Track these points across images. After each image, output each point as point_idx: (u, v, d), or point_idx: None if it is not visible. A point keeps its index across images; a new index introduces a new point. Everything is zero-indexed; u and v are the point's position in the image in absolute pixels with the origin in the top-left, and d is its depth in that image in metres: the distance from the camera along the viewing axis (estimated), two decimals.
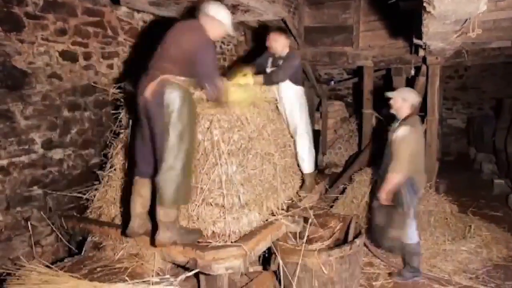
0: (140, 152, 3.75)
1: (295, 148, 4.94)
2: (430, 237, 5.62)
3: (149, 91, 3.47)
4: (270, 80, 4.74)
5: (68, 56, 4.79)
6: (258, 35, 7.25)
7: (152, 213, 3.66)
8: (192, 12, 3.94)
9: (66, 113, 4.82)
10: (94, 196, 4.47)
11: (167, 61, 3.54)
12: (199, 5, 3.79)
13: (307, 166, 5.00)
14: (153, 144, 3.58)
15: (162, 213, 3.47)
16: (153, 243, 3.56)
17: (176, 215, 3.55)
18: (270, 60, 5.04)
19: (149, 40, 4.63)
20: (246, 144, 3.92)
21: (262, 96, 4.62)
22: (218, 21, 3.74)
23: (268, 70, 4.99)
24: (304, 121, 4.93)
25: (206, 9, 3.73)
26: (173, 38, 3.62)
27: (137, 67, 3.96)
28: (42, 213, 4.55)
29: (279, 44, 4.89)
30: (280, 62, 4.85)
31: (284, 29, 5.60)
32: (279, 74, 4.72)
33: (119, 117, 4.50)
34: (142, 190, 3.75)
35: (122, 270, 3.55)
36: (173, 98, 3.43)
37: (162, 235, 3.47)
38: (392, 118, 4.75)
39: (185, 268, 3.73)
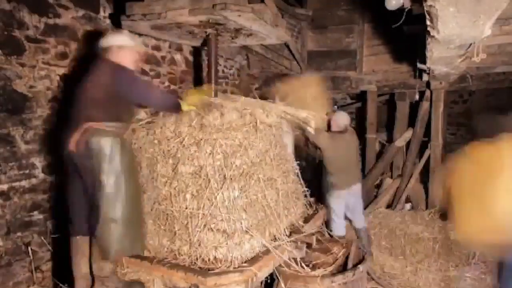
0: (76, 209, 3.65)
1: None
2: (434, 263, 5.58)
3: (72, 142, 3.41)
4: None
5: (69, 80, 4.77)
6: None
7: None
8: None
9: None
10: None
11: (90, 107, 3.45)
12: (97, 47, 3.77)
13: None
14: (87, 198, 3.50)
15: (96, 267, 3.52)
16: None
17: (112, 269, 3.54)
18: None
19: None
20: (248, 169, 3.88)
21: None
22: (121, 47, 3.70)
23: None
24: None
25: (102, 44, 3.71)
26: (90, 83, 3.53)
27: None
28: (42, 238, 4.50)
29: None
30: None
31: None
32: None
33: None
34: (86, 249, 3.67)
35: None
36: (101, 145, 3.38)
37: None
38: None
39: None
